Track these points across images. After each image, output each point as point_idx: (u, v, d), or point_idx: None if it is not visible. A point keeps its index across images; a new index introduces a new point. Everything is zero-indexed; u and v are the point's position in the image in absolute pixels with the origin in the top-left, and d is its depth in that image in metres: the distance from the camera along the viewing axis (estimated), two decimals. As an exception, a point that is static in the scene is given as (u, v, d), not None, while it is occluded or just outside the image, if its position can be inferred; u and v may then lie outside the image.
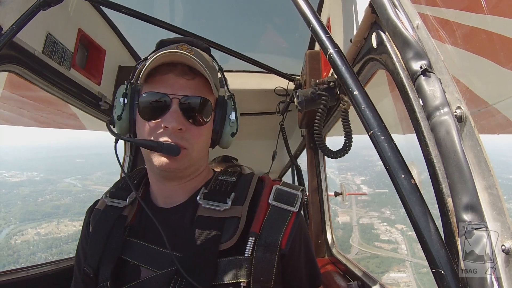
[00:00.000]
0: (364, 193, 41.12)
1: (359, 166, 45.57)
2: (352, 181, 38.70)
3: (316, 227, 2.09)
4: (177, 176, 0.86)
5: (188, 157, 0.82)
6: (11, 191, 42.22)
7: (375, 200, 35.83)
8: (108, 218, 0.89)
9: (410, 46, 0.70)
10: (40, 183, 44.99)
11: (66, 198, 33.75)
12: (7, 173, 49.41)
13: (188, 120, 0.81)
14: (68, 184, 39.02)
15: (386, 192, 36.57)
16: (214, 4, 11.82)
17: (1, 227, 28.00)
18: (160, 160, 0.79)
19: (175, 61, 0.80)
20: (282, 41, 3.04)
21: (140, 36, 2.27)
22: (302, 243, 0.88)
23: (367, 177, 42.44)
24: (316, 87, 1.26)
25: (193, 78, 0.82)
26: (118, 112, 0.86)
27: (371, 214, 33.42)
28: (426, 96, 0.64)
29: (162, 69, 0.81)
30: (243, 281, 0.76)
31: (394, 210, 32.41)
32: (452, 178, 0.56)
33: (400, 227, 28.85)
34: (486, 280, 0.50)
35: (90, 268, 0.85)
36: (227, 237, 0.78)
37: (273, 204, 0.84)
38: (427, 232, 0.55)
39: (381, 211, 32.98)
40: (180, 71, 0.81)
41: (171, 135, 0.79)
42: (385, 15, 0.78)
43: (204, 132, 0.86)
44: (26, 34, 1.27)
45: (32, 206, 35.51)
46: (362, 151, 49.93)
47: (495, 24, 0.82)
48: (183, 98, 0.80)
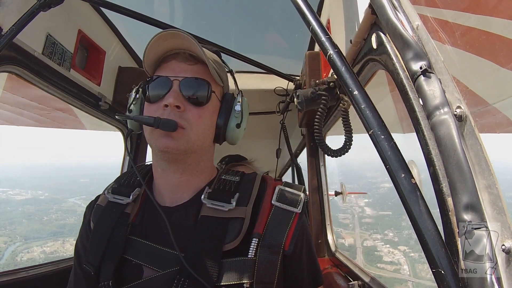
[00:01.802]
0: (364, 193, 41.13)
1: (362, 188, 45.76)
2: (355, 203, 38.67)
3: (316, 227, 2.09)
4: (177, 159, 0.85)
5: (186, 137, 0.82)
6: (16, 209, 42.27)
7: (379, 222, 35.86)
8: (111, 215, 0.88)
9: (410, 46, 0.70)
10: (45, 202, 45.05)
11: (71, 218, 33.77)
12: (12, 191, 49.43)
13: (188, 100, 0.83)
14: (73, 203, 39.08)
15: (389, 214, 36.99)
16: (214, 5, 11.91)
17: (7, 244, 28.04)
18: (159, 139, 0.81)
19: (178, 48, 0.86)
20: (282, 42, 3.06)
21: (140, 37, 2.26)
22: (305, 244, 0.88)
23: (371, 199, 42.58)
24: (316, 87, 1.26)
25: (194, 64, 0.87)
26: (129, 105, 0.91)
27: (374, 236, 33.41)
28: (426, 96, 0.64)
29: (166, 58, 0.87)
30: (246, 282, 0.76)
31: (397, 232, 32.69)
32: (452, 177, 0.56)
33: (403, 249, 28.93)
34: (486, 280, 0.50)
35: (91, 265, 0.84)
36: (230, 238, 0.78)
37: (276, 205, 0.84)
38: (427, 232, 0.55)
39: (384, 233, 33.04)
40: (182, 58, 0.86)
41: (170, 113, 0.81)
42: (385, 16, 0.78)
43: (205, 114, 0.86)
44: (26, 35, 1.27)
45: (37, 224, 35.54)
46: (366, 173, 50.11)
47: (494, 25, 0.82)
48: (183, 79, 0.84)
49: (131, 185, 0.93)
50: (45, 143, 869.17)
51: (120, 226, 0.85)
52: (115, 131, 2.31)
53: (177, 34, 0.81)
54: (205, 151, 0.91)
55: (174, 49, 0.87)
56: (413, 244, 28.18)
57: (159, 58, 0.88)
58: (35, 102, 2.08)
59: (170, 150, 0.81)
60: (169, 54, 0.87)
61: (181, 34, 0.81)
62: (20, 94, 1.92)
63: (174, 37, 0.83)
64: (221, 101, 0.92)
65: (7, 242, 28.47)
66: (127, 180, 0.95)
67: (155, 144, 0.82)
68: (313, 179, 2.17)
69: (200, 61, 0.87)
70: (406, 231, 31.21)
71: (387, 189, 41.78)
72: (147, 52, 0.84)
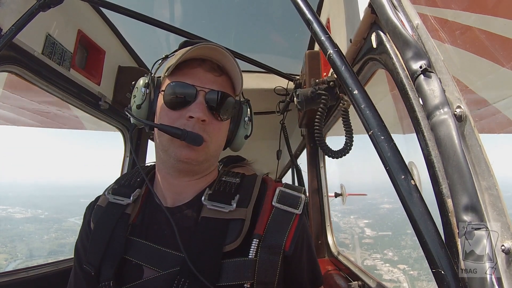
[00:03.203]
0: (364, 194, 41.14)
1: (362, 209, 45.89)
2: (355, 224, 38.97)
3: (316, 228, 2.09)
4: (192, 169, 0.86)
5: (206, 150, 0.83)
6: (17, 227, 42.33)
7: (378, 242, 36.29)
8: (111, 216, 0.88)
9: (409, 46, 0.70)
10: (45, 221, 45.09)
11: (71, 237, 33.83)
12: (12, 209, 49.36)
13: (212, 113, 0.83)
14: (73, 223, 39.23)
15: (389, 234, 37.40)
16: (214, 5, 11.91)
17: (7, 261, 28.17)
18: (180, 149, 0.80)
19: (206, 56, 0.84)
20: (281, 41, 3.05)
21: (139, 37, 2.27)
22: (305, 245, 0.88)
23: (371, 220, 42.73)
24: (316, 87, 1.26)
25: (220, 75, 0.86)
26: (138, 102, 0.88)
27: (374, 256, 33.69)
28: (426, 96, 0.64)
29: (191, 63, 0.84)
30: (247, 282, 0.76)
31: (396, 251, 33.18)
32: (452, 178, 0.56)
33: (402, 267, 29.25)
34: (486, 280, 0.49)
35: (92, 266, 0.84)
36: (231, 239, 0.78)
37: (276, 206, 0.84)
38: (427, 233, 0.55)
39: (383, 252, 33.40)
40: (209, 67, 0.85)
41: (195, 126, 0.80)
42: (385, 15, 0.78)
43: (223, 128, 0.88)
44: (25, 35, 1.27)
45: (37, 243, 35.60)
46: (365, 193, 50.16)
47: (494, 24, 0.82)
48: (209, 91, 0.83)
49: (131, 186, 0.93)
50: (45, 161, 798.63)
51: (121, 227, 0.85)
52: (115, 131, 2.31)
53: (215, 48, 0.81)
54: (216, 158, 0.93)
55: (201, 56, 0.84)
56: (412, 262, 28.74)
57: (182, 60, 0.85)
58: (35, 102, 2.09)
59: (190, 162, 0.82)
60: (194, 59, 0.85)
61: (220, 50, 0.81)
62: (20, 94, 1.92)
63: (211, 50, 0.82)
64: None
65: (7, 259, 28.63)
66: (128, 181, 0.95)
67: (175, 154, 0.81)
68: (313, 181, 2.17)
69: (225, 73, 0.87)
70: (406, 250, 31.88)
71: (386, 210, 42.38)
72: (175, 56, 0.82)
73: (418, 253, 29.93)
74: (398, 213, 37.67)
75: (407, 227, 16.47)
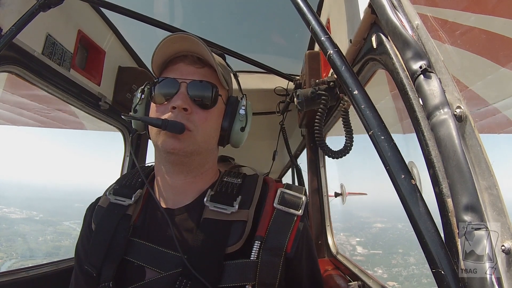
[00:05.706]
0: (364, 193, 41.17)
1: (354, 227, 46.29)
2: (347, 242, 39.46)
3: (316, 228, 2.08)
4: (182, 162, 0.86)
5: (192, 139, 0.83)
6: (12, 227, 42.36)
7: (370, 260, 37.14)
8: (112, 216, 0.88)
9: (409, 46, 0.70)
10: (40, 223, 45.07)
11: (66, 241, 33.93)
12: (7, 209, 49.27)
13: (195, 103, 0.84)
14: (68, 227, 39.38)
15: (380, 253, 38.28)
16: (214, 5, 11.90)
17: (3, 260, 28.31)
18: (166, 140, 0.81)
19: (187, 51, 0.86)
20: (281, 42, 3.05)
21: (139, 37, 2.26)
22: (306, 247, 0.88)
23: (363, 239, 43.19)
24: (316, 87, 1.26)
25: (202, 67, 0.88)
26: (134, 105, 0.92)
27: None
28: (426, 96, 0.64)
29: (174, 60, 0.89)
30: (248, 284, 0.76)
31: (386, 269, 34.05)
32: (452, 178, 0.56)
33: (392, 284, 29.90)
34: (486, 280, 0.49)
35: (93, 267, 0.84)
36: (233, 241, 0.79)
37: (278, 208, 0.85)
38: (427, 233, 0.55)
39: (374, 270, 34.03)
40: (190, 61, 0.87)
41: (177, 115, 0.82)
42: (385, 16, 0.78)
43: (211, 117, 0.87)
44: (25, 35, 1.27)
45: (33, 244, 35.63)
46: (359, 212, 50.55)
47: (494, 24, 0.82)
48: (191, 82, 0.84)
49: (132, 186, 0.93)
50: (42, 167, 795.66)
51: (122, 228, 0.85)
52: (116, 131, 2.31)
53: (187, 37, 0.82)
54: (210, 154, 0.92)
55: (182, 52, 0.87)
56: (402, 280, 29.52)
57: (166, 59, 0.89)
58: (35, 102, 2.09)
59: (176, 152, 0.82)
60: (177, 56, 0.88)
61: (191, 37, 0.82)
62: (20, 94, 1.92)
63: (183, 40, 0.83)
64: (226, 104, 0.93)
65: (3, 258, 28.75)
66: (129, 181, 0.95)
67: (162, 145, 0.82)
68: (313, 181, 2.17)
69: (207, 65, 0.88)
70: (396, 268, 32.79)
71: (379, 229, 43.11)
72: (156, 54, 0.85)
73: (408, 272, 30.98)
74: (390, 232, 38.60)
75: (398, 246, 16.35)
